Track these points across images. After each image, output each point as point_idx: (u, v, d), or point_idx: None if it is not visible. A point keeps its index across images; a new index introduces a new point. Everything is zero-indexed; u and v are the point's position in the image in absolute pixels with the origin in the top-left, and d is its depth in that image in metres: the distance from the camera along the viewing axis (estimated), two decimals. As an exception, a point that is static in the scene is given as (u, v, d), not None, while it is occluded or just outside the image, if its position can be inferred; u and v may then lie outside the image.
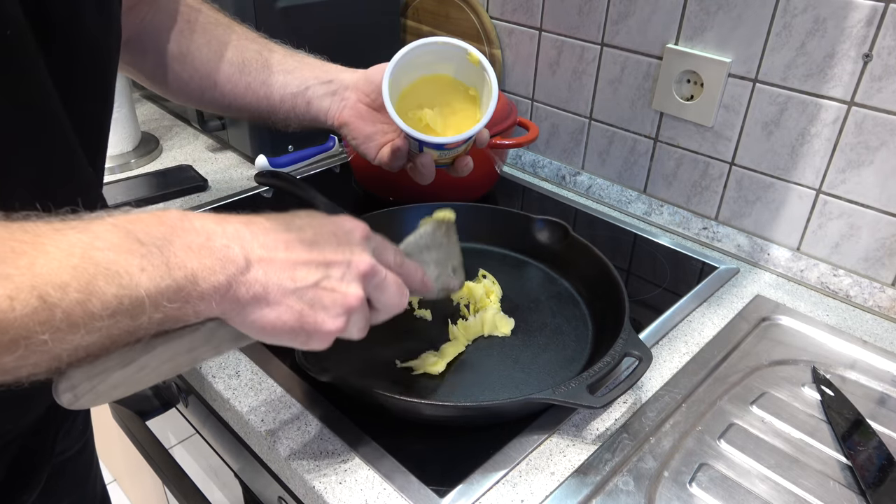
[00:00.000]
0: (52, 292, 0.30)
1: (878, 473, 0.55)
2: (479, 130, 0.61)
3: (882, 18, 0.68)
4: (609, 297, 0.67)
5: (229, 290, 0.37)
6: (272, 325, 0.39)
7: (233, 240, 0.38)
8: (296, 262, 0.40)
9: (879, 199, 0.74)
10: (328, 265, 0.41)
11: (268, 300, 0.39)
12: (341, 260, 0.42)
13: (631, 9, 0.87)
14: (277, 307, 0.39)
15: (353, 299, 0.42)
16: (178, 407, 0.79)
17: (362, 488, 0.52)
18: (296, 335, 0.41)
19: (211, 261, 0.36)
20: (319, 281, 0.41)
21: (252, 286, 0.38)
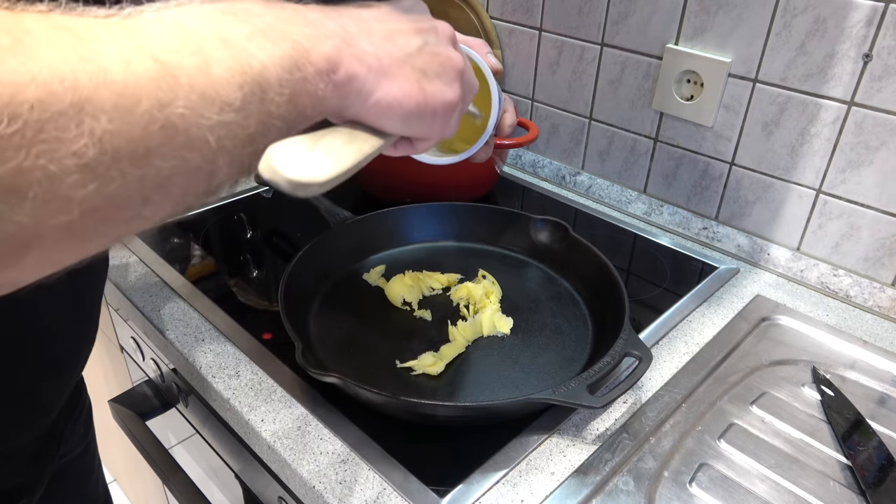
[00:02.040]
0: (165, 55, 0.25)
1: (878, 473, 0.55)
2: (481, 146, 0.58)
3: (882, 18, 0.68)
4: (609, 297, 0.67)
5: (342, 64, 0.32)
6: (398, 100, 0.35)
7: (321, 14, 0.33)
8: (391, 30, 0.36)
9: (879, 199, 0.74)
10: (421, 31, 0.38)
11: (385, 70, 0.34)
12: (426, 26, 0.39)
13: (631, 9, 0.87)
14: (397, 78, 0.35)
15: (458, 61, 0.39)
16: (178, 407, 0.79)
17: (362, 488, 0.52)
18: (422, 112, 0.36)
19: (311, 30, 0.31)
20: (422, 46, 0.37)
21: (365, 57, 0.33)
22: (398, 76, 0.35)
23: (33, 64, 0.21)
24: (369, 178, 0.94)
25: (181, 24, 0.27)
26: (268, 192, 0.97)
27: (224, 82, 0.27)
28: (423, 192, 0.89)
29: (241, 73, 0.27)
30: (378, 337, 0.67)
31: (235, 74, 0.27)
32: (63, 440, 0.59)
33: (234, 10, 0.29)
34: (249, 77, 0.28)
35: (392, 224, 0.81)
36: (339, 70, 0.32)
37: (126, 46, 0.24)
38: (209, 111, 0.26)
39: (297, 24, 0.31)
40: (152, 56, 0.25)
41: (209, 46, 0.27)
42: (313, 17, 0.32)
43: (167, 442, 0.91)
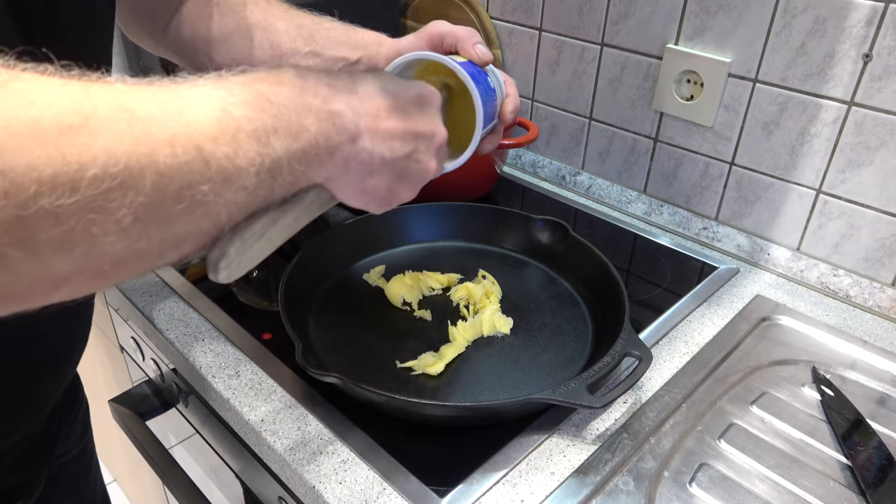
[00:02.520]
0: (205, 143, 0.30)
1: (878, 473, 0.55)
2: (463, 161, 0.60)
3: (882, 18, 0.67)
4: (609, 297, 0.67)
5: (341, 156, 0.39)
6: (370, 190, 0.42)
7: (346, 107, 0.39)
8: (393, 132, 0.42)
9: (879, 199, 0.74)
10: (417, 137, 0.44)
11: (371, 169, 0.41)
12: (427, 132, 0.45)
13: (631, 9, 0.87)
14: (377, 176, 0.42)
15: (431, 171, 0.46)
16: (178, 407, 0.79)
17: (362, 488, 0.52)
18: (379, 201, 0.44)
19: (328, 126, 0.37)
20: (410, 154, 0.43)
21: (360, 154, 0.40)
22: (377, 174, 0.42)
23: (96, 146, 0.25)
24: (369, 178, 0.94)
25: (226, 113, 0.31)
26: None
27: (245, 170, 0.32)
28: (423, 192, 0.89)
29: (261, 164, 0.32)
30: (378, 337, 0.67)
31: (255, 164, 0.32)
32: (60, 440, 0.59)
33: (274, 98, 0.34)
34: (266, 167, 0.33)
35: (392, 224, 0.81)
36: (336, 156, 0.38)
37: (174, 131, 0.29)
38: (227, 192, 0.31)
39: (319, 119, 0.37)
40: (194, 143, 0.29)
41: (242, 136, 0.32)
42: (337, 110, 0.38)
43: (167, 442, 0.91)
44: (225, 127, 0.31)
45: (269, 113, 0.33)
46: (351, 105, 0.39)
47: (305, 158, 0.36)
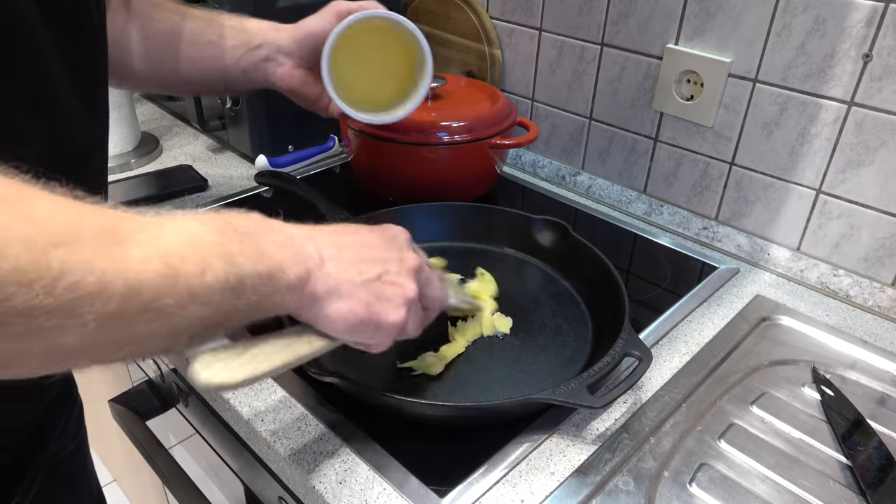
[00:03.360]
0: (175, 262, 0.33)
1: (878, 473, 0.55)
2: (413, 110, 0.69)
3: (882, 18, 0.68)
4: (609, 297, 0.67)
5: (308, 283, 0.41)
6: (344, 316, 0.43)
7: (307, 240, 0.43)
8: (359, 259, 0.45)
9: (879, 199, 0.74)
10: (384, 261, 0.46)
11: (340, 292, 0.43)
12: (395, 257, 0.47)
13: (631, 9, 0.87)
14: (349, 299, 0.43)
15: (410, 291, 0.47)
16: (178, 407, 0.79)
17: (362, 488, 0.52)
18: (365, 327, 0.44)
19: (292, 254, 0.40)
20: (381, 275, 0.45)
21: (327, 280, 0.42)
22: (351, 297, 0.43)
23: (76, 259, 0.29)
24: (369, 178, 0.94)
25: (197, 237, 0.35)
26: (268, 193, 0.97)
27: (210, 288, 0.35)
28: (424, 192, 0.89)
29: (226, 282, 0.35)
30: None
31: (221, 282, 0.35)
32: (56, 434, 0.60)
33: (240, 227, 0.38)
34: (231, 284, 0.36)
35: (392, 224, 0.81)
36: (305, 287, 0.41)
37: (149, 253, 0.32)
38: (191, 305, 0.34)
39: (284, 247, 0.40)
40: (166, 262, 0.33)
41: (211, 258, 0.35)
42: (299, 241, 0.42)
43: (167, 442, 0.91)
44: (195, 249, 0.35)
45: (235, 239, 0.37)
46: (313, 239, 0.43)
47: (270, 281, 0.38)
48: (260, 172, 0.97)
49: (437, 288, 0.52)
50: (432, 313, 0.53)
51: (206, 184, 0.97)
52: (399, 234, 0.50)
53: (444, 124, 0.85)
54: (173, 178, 0.99)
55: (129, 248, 0.32)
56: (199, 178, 0.98)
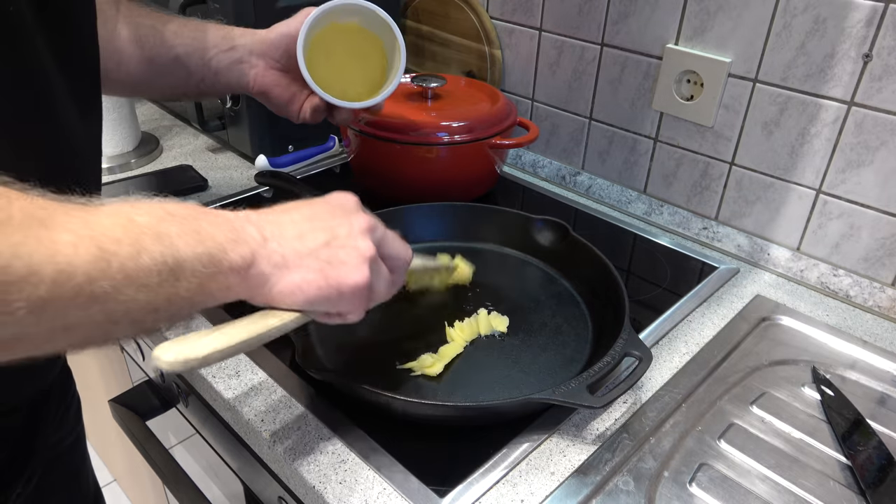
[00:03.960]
0: (108, 244, 0.32)
1: (878, 473, 0.55)
2: (391, 92, 0.69)
3: (882, 18, 0.68)
4: (609, 297, 0.67)
5: (253, 264, 0.40)
6: (299, 287, 0.42)
7: (246, 222, 0.42)
8: (303, 231, 0.44)
9: (879, 199, 0.74)
10: (332, 227, 0.45)
11: (288, 265, 0.42)
12: (343, 222, 0.46)
13: (631, 9, 0.87)
14: (299, 269, 0.42)
15: (365, 249, 0.45)
16: (178, 407, 0.79)
17: (362, 488, 0.52)
18: (326, 295, 0.43)
19: (233, 236, 0.39)
20: (329, 241, 0.44)
21: (272, 256, 0.41)
22: (300, 268, 0.42)
23: (2, 243, 0.29)
24: (369, 178, 0.94)
25: (131, 220, 0.35)
26: (268, 192, 0.97)
27: (147, 269, 0.34)
28: (424, 192, 0.89)
29: (164, 263, 0.35)
30: (377, 337, 0.67)
31: (159, 264, 0.34)
32: (55, 424, 0.60)
33: (176, 212, 0.37)
34: (169, 267, 0.35)
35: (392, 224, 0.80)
36: (251, 267, 0.40)
37: (79, 235, 0.32)
38: (128, 290, 0.33)
39: (223, 229, 0.39)
40: (98, 244, 0.32)
41: (146, 239, 0.34)
42: (238, 224, 0.41)
43: (167, 442, 0.91)
44: (128, 231, 0.34)
45: (172, 222, 0.36)
46: (251, 220, 0.42)
47: (211, 262, 0.37)
48: (260, 172, 0.97)
49: (397, 245, 0.50)
50: (399, 274, 0.51)
51: (206, 184, 0.97)
52: (346, 199, 0.49)
53: (444, 124, 0.85)
54: (173, 178, 0.99)
55: (57, 233, 0.31)
56: (199, 178, 0.98)
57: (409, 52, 1.19)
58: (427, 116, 0.87)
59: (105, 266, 0.32)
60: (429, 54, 1.16)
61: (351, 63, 0.72)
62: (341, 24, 0.70)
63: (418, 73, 1.05)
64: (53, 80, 0.46)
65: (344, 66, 0.71)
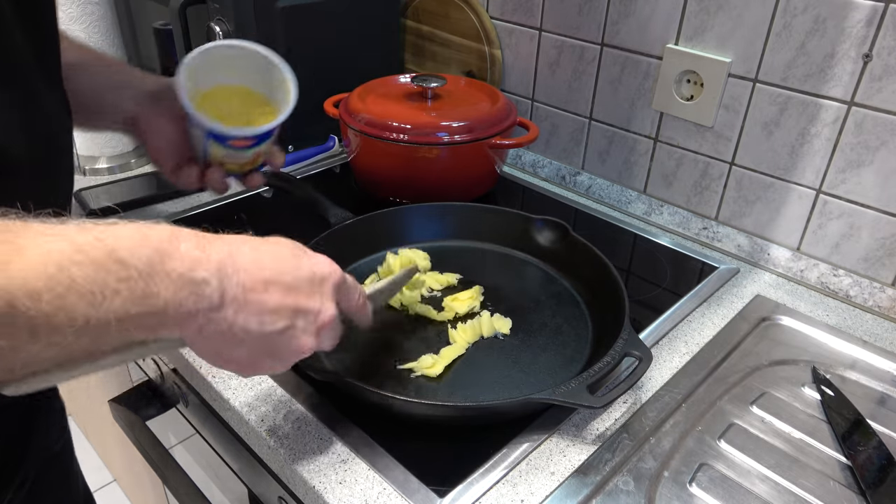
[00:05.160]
0: (22, 300, 0.29)
1: (878, 473, 0.55)
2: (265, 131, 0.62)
3: (882, 18, 0.67)
4: (609, 297, 0.67)
5: (195, 322, 0.37)
6: (228, 359, 0.41)
7: (213, 274, 0.37)
8: (266, 307, 0.40)
9: (879, 199, 0.74)
10: (297, 313, 0.42)
11: (230, 340, 0.39)
12: (312, 308, 0.43)
13: (631, 9, 0.87)
14: (236, 348, 0.40)
15: (307, 347, 0.43)
16: (178, 407, 0.79)
17: (362, 488, 0.52)
18: (242, 371, 0.43)
19: (185, 293, 0.36)
20: (285, 330, 0.42)
21: (218, 324, 0.38)
22: (240, 347, 0.40)
23: None
24: (369, 178, 0.94)
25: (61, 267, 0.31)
26: (268, 192, 0.97)
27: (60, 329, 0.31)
28: (423, 192, 0.89)
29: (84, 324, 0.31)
30: (378, 338, 0.67)
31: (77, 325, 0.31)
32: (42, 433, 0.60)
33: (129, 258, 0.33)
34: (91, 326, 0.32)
35: (392, 224, 0.81)
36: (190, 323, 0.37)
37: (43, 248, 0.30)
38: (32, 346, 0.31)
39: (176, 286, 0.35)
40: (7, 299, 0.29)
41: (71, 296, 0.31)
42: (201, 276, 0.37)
43: (167, 442, 0.91)
44: (54, 284, 0.30)
45: (117, 276, 0.32)
46: (222, 271, 0.38)
47: (146, 322, 0.35)
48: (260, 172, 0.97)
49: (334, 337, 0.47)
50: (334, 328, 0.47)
51: (206, 184, 0.97)
52: (329, 277, 0.45)
53: (444, 124, 0.85)
54: (173, 178, 0.99)
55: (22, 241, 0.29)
56: (199, 178, 0.98)
57: (410, 52, 1.19)
58: (427, 116, 0.87)
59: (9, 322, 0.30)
60: (429, 54, 1.16)
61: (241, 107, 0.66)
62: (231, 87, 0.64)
63: (418, 73, 1.05)
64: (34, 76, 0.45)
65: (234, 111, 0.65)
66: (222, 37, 0.93)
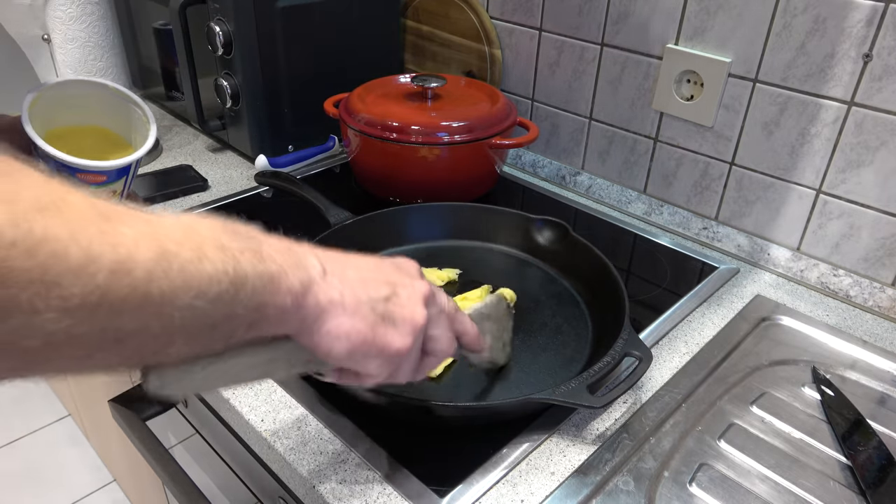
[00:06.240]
0: (169, 245, 0.31)
1: (878, 473, 0.55)
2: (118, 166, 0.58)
3: (882, 18, 0.68)
4: (609, 297, 0.67)
5: (311, 289, 0.38)
6: (347, 334, 0.39)
7: (308, 252, 0.40)
8: (365, 278, 0.42)
9: (879, 199, 0.74)
10: (394, 284, 0.43)
11: (344, 305, 0.39)
12: (406, 282, 0.44)
13: (631, 9, 0.87)
14: (353, 316, 0.40)
15: (420, 317, 0.43)
16: (178, 407, 0.79)
17: (362, 488, 0.52)
18: (366, 350, 0.40)
19: (295, 260, 0.37)
20: (389, 296, 0.42)
21: (330, 291, 0.39)
22: (356, 314, 0.40)
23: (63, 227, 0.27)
24: (369, 178, 0.94)
25: (192, 227, 0.33)
26: (268, 192, 0.97)
27: (207, 276, 0.32)
28: (423, 192, 0.89)
29: (225, 273, 0.33)
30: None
31: (220, 273, 0.32)
32: None
33: (237, 229, 0.36)
34: (230, 278, 0.33)
35: (392, 224, 0.81)
36: (307, 295, 0.38)
37: (141, 231, 0.30)
38: (185, 295, 0.31)
39: (285, 254, 0.37)
40: (158, 243, 0.30)
41: (208, 247, 0.33)
42: (300, 251, 0.39)
43: (167, 442, 0.91)
44: (191, 237, 0.32)
45: (234, 238, 0.34)
46: (315, 253, 0.40)
47: (272, 282, 0.35)
48: (260, 172, 0.97)
49: (444, 329, 0.46)
50: (431, 361, 0.46)
51: (206, 184, 0.97)
52: (410, 264, 0.46)
53: (444, 124, 0.85)
54: (173, 178, 0.99)
55: (119, 225, 0.29)
56: (199, 178, 0.98)
57: (410, 52, 1.19)
58: (427, 116, 0.87)
59: (166, 266, 0.30)
60: (429, 54, 1.16)
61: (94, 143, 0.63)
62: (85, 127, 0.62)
63: (418, 73, 1.05)
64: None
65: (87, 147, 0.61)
66: (222, 37, 0.93)
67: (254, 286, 0.34)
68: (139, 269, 0.29)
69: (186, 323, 0.32)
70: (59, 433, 1.74)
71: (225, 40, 0.93)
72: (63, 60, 0.97)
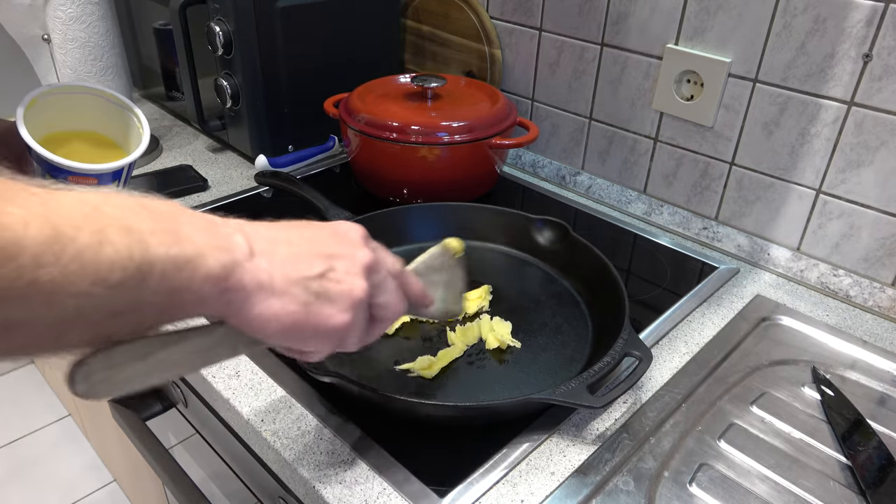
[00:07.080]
0: (66, 228, 0.28)
1: (878, 473, 0.55)
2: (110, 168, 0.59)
3: (882, 18, 0.67)
4: (609, 297, 0.67)
5: (233, 273, 0.35)
6: (276, 316, 0.37)
7: (235, 230, 0.37)
8: (298, 254, 0.39)
9: (879, 199, 0.74)
10: (331, 257, 0.40)
11: (273, 288, 0.37)
12: (345, 253, 0.41)
13: (631, 9, 0.87)
14: (283, 297, 0.37)
15: (359, 291, 0.40)
16: (178, 407, 0.79)
17: (362, 488, 0.52)
18: (301, 330, 0.39)
19: (217, 241, 0.35)
20: (325, 272, 0.39)
21: (257, 273, 0.36)
22: (285, 295, 0.37)
23: None
24: (369, 178, 0.94)
25: (96, 207, 0.30)
26: (268, 192, 0.97)
27: (108, 262, 0.30)
28: (423, 192, 0.89)
29: (129, 258, 0.30)
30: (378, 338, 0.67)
31: (123, 258, 0.30)
32: None
33: (153, 207, 0.33)
34: (135, 263, 0.30)
35: (392, 224, 0.81)
36: (230, 278, 0.35)
37: (33, 212, 0.28)
38: (81, 282, 0.29)
39: (207, 233, 0.34)
40: (52, 225, 0.28)
41: (111, 230, 0.30)
42: (226, 230, 0.36)
43: (167, 442, 0.91)
44: (93, 218, 0.30)
45: (146, 217, 0.32)
46: (243, 229, 0.37)
47: (187, 266, 0.32)
48: (260, 172, 0.97)
49: (392, 293, 0.44)
50: (381, 326, 0.45)
51: (206, 184, 0.97)
52: (352, 229, 0.44)
53: (444, 124, 0.85)
54: (173, 178, 0.99)
55: (7, 205, 0.27)
56: (199, 178, 0.98)
57: (410, 52, 1.19)
58: (427, 116, 0.87)
59: (58, 250, 0.28)
60: (429, 54, 1.16)
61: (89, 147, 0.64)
62: (80, 132, 0.63)
63: (418, 73, 1.05)
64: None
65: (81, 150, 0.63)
66: (222, 37, 0.93)
67: (164, 271, 0.32)
68: (25, 255, 0.27)
69: (84, 311, 0.30)
70: (59, 433, 1.74)
71: (225, 40, 0.93)
72: (63, 60, 0.97)
